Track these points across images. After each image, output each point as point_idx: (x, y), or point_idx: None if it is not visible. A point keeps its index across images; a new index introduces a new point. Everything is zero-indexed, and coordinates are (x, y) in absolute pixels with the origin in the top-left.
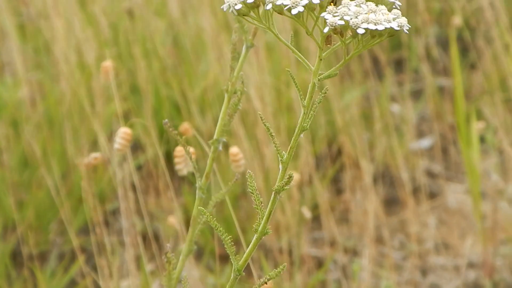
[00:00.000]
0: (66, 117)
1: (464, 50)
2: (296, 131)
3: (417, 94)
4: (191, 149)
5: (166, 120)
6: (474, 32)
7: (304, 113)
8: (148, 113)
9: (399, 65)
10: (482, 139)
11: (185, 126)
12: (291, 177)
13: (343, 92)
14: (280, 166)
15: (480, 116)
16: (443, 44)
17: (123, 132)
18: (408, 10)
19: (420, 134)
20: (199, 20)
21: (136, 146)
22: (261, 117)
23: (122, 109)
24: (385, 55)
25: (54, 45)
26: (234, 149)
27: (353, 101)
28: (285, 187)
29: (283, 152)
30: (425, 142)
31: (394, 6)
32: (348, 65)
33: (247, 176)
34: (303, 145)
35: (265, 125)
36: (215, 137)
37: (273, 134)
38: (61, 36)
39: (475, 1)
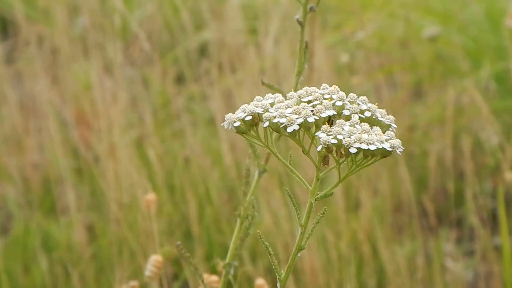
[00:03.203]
0: (115, 258)
1: None
2: (294, 250)
3: (470, 251)
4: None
5: (179, 242)
6: None
7: (301, 232)
8: (199, 258)
9: (446, 217)
10: None
11: (260, 282)
12: None
13: (393, 243)
14: (278, 284)
15: None
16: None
17: (154, 260)
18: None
19: None
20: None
21: None
22: (260, 237)
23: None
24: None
25: (108, 188)
26: (259, 281)
27: (404, 255)
28: None
29: (281, 270)
30: None
31: (390, 129)
32: (399, 218)
33: None
34: None
35: (263, 243)
36: (227, 260)
37: (271, 252)
38: (114, 180)
39: None
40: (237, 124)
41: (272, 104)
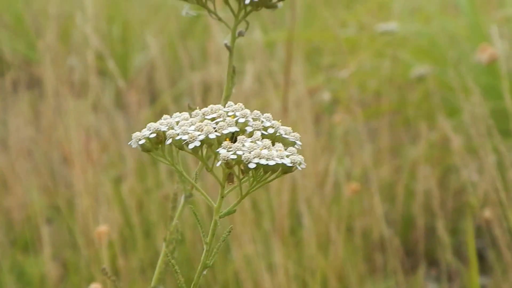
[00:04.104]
0: None
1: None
2: (199, 268)
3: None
4: None
5: (104, 266)
6: None
7: (206, 250)
8: None
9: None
10: None
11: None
12: None
13: (365, 282)
14: None
15: None
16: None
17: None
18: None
19: None
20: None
21: None
22: (170, 261)
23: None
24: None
25: (82, 225)
26: None
27: None
28: None
29: None
30: None
31: (295, 146)
32: (373, 256)
33: None
34: None
35: (170, 261)
36: (152, 285)
37: (178, 271)
38: (88, 217)
39: None
40: (142, 142)
41: (177, 122)
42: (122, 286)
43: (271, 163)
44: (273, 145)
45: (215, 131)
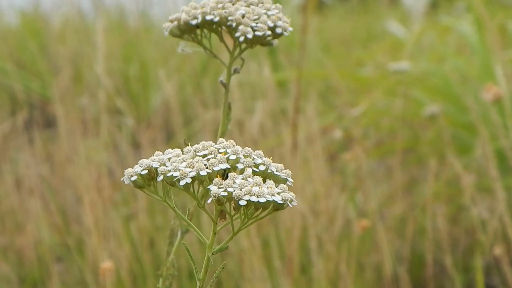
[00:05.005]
0: None
1: None
2: None
3: None
4: None
5: None
6: None
7: (199, 286)
8: None
9: None
10: None
11: None
12: None
13: None
14: None
15: None
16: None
17: None
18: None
19: None
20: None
21: None
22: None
23: None
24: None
25: (91, 263)
26: None
27: None
28: None
29: None
30: None
31: (287, 183)
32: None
33: None
34: None
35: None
36: None
37: None
38: (97, 255)
39: None
40: (134, 178)
41: (169, 159)
42: None
43: (262, 200)
44: (264, 182)
45: (206, 168)
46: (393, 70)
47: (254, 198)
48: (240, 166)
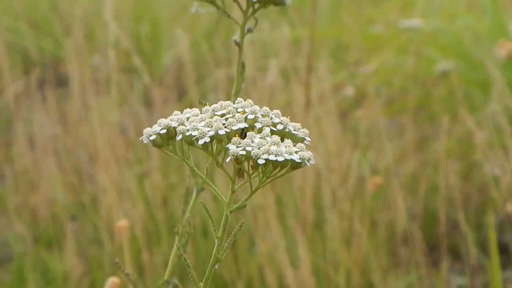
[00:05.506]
0: None
1: None
2: (210, 262)
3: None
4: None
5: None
6: None
7: (217, 244)
8: None
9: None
10: None
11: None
12: None
13: (389, 276)
14: None
15: None
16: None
17: (111, 282)
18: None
19: None
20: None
21: None
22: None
23: None
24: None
25: (106, 222)
26: None
27: None
28: None
29: (200, 283)
30: None
31: (304, 142)
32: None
33: None
34: None
35: (183, 257)
36: (165, 277)
37: (190, 265)
38: (113, 212)
39: None
40: (152, 137)
41: (188, 119)
42: (147, 281)
43: (280, 159)
44: (282, 141)
45: (225, 127)
46: (404, 28)
47: (272, 157)
48: (258, 125)
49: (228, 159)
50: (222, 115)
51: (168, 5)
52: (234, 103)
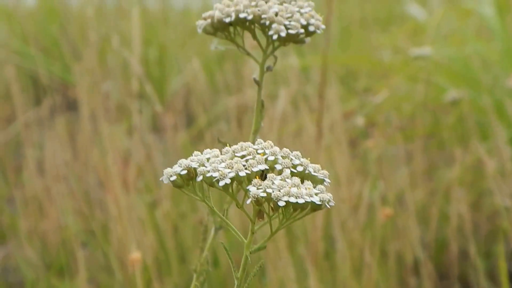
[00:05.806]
0: None
1: None
2: None
3: None
4: None
5: None
6: None
7: (237, 285)
8: None
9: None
10: None
11: None
12: None
13: None
14: None
15: None
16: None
17: None
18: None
19: None
20: None
21: None
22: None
23: None
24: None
25: (117, 249)
26: None
27: None
28: None
29: None
30: None
31: (324, 184)
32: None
33: None
34: None
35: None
36: None
37: None
38: (122, 242)
39: None
40: (173, 178)
41: (208, 159)
42: None
43: (301, 201)
44: (302, 182)
45: (245, 168)
46: (415, 56)
47: (292, 199)
48: (278, 167)
49: (248, 201)
50: (242, 156)
51: (176, 30)
52: (253, 142)
